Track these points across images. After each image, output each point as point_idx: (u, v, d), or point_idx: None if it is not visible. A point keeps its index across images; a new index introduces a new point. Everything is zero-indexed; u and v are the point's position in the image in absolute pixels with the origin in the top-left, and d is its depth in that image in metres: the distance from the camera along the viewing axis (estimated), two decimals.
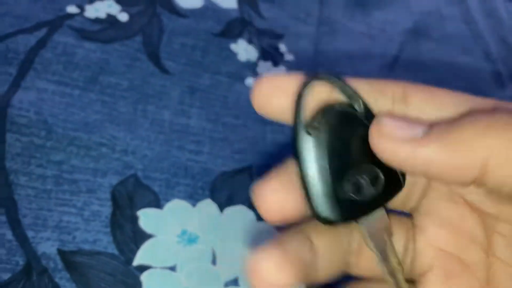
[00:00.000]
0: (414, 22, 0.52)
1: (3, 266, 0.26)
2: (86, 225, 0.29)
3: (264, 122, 0.38)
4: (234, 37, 0.42)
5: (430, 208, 0.20)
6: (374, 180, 0.18)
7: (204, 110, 0.37)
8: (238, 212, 0.32)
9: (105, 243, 0.28)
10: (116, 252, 0.28)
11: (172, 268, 0.29)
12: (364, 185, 0.18)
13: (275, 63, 0.42)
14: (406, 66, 0.48)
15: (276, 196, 0.17)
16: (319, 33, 0.47)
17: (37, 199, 0.29)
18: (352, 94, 0.18)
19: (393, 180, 0.18)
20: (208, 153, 0.34)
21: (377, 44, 0.49)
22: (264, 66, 0.41)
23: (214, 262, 0.30)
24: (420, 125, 0.17)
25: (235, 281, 0.29)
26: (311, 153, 0.17)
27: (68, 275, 0.27)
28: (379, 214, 0.18)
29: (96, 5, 0.38)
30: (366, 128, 0.17)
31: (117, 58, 0.36)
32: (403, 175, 0.19)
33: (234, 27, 0.43)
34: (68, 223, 0.28)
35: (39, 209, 0.28)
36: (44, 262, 0.27)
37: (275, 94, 0.18)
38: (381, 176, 0.18)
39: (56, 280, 0.26)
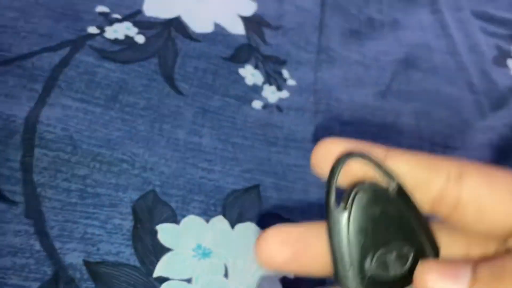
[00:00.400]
0: (405, 53, 0.56)
1: (33, 276, 0.27)
2: (109, 237, 0.30)
3: (270, 143, 0.40)
4: (242, 62, 0.44)
5: None
6: (402, 259, 0.18)
7: (215, 130, 0.39)
8: (247, 229, 0.34)
9: (128, 255, 0.30)
10: (137, 264, 0.30)
11: (188, 281, 0.31)
12: (391, 263, 0.18)
13: (279, 88, 0.45)
14: (397, 94, 0.51)
15: (274, 250, 0.18)
16: (318, 60, 0.50)
17: (63, 211, 0.30)
18: (388, 172, 0.18)
19: (431, 247, 0.19)
20: (220, 171, 0.36)
21: (370, 73, 0.53)
22: (268, 90, 0.44)
23: (226, 275, 0.32)
24: (465, 269, 0.17)
25: None
26: (342, 229, 0.18)
27: (93, 285, 0.28)
28: None
29: (115, 26, 0.40)
30: (397, 206, 0.18)
31: (135, 78, 0.38)
32: (437, 248, 0.19)
33: (242, 52, 0.45)
34: (93, 235, 0.30)
35: (65, 221, 0.30)
36: (71, 272, 0.28)
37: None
38: (411, 254, 0.18)
39: None
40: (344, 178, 0.18)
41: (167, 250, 0.31)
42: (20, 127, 0.31)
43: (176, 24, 0.44)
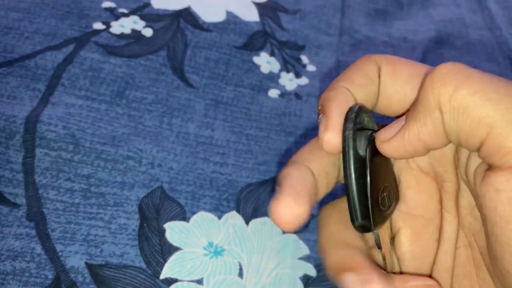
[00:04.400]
0: (436, 30, 0.52)
1: (33, 280, 0.26)
2: (113, 238, 0.29)
3: (287, 133, 0.38)
4: (257, 50, 0.42)
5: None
6: (391, 195, 0.22)
7: (228, 122, 0.37)
8: (263, 225, 0.32)
9: (132, 256, 0.28)
10: (143, 265, 0.28)
11: (199, 281, 0.29)
12: (387, 200, 0.21)
13: (297, 74, 0.42)
14: None
15: (291, 210, 0.19)
16: (341, 43, 0.47)
17: (65, 212, 0.29)
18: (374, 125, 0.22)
19: (396, 190, 0.22)
20: (233, 164, 0.34)
21: (399, 54, 0.49)
22: (286, 77, 0.41)
23: (241, 274, 0.30)
24: (398, 124, 0.20)
25: None
26: (357, 173, 0.19)
27: None
28: None
29: (122, 21, 0.39)
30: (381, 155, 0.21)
31: (142, 73, 0.37)
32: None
33: (256, 40, 0.43)
34: (96, 237, 0.29)
35: (67, 223, 0.29)
36: (72, 275, 0.27)
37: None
38: (394, 191, 0.22)
39: None
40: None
41: (176, 249, 0.29)
42: (21, 127, 0.30)
43: (185, 15, 0.42)
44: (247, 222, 0.32)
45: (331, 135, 0.19)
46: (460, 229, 0.23)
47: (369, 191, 0.20)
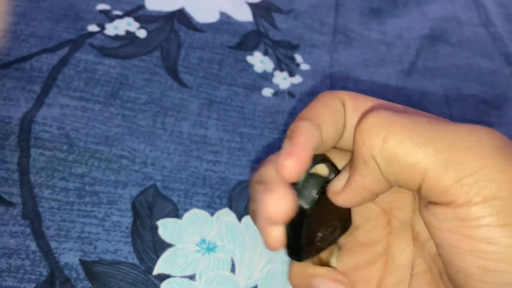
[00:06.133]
0: (431, 28, 0.52)
1: (28, 277, 0.27)
2: (107, 235, 0.29)
3: (281, 131, 0.38)
4: (250, 50, 0.43)
5: None
6: (334, 231, 0.24)
7: (221, 121, 0.37)
8: None
9: (126, 252, 0.29)
10: (136, 261, 0.29)
11: (192, 277, 0.29)
12: (327, 235, 0.24)
13: (291, 73, 0.42)
14: (424, 71, 0.48)
15: (280, 204, 0.20)
16: (335, 42, 0.48)
17: (60, 211, 0.29)
18: (334, 170, 0.23)
19: (347, 222, 0.25)
20: (226, 162, 0.35)
21: (393, 51, 0.49)
22: (280, 76, 0.42)
23: (233, 270, 0.30)
24: (345, 174, 0.22)
25: None
26: (292, 223, 0.21)
27: (90, 285, 0.27)
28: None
29: (116, 23, 0.40)
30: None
31: (136, 73, 0.37)
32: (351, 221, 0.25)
33: (250, 39, 0.43)
34: (90, 234, 0.29)
35: (62, 221, 0.29)
36: (66, 272, 0.27)
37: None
38: (339, 227, 0.24)
39: None
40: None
41: (169, 245, 0.30)
42: (16, 128, 0.31)
43: (179, 16, 0.42)
44: (239, 219, 0.32)
45: (292, 164, 0.20)
46: (420, 256, 0.23)
47: (304, 235, 0.22)
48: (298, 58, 0.44)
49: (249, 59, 0.42)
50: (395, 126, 0.19)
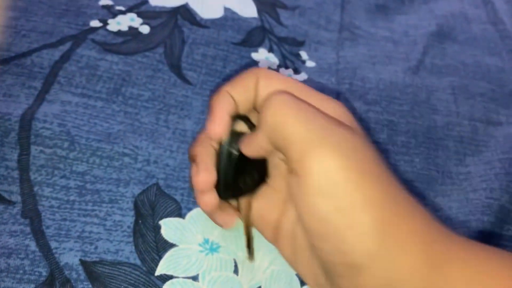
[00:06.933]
0: (438, 25, 0.51)
1: (27, 277, 0.26)
2: (108, 235, 0.29)
3: None
4: (255, 46, 0.42)
5: None
6: (253, 177, 0.29)
7: None
8: None
9: (127, 253, 0.28)
10: (138, 262, 0.28)
11: (195, 278, 0.28)
12: (249, 182, 0.29)
13: (296, 70, 0.42)
14: (431, 69, 0.47)
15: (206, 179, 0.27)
16: (341, 39, 0.47)
17: (60, 210, 0.29)
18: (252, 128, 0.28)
19: (264, 175, 0.29)
20: None
21: (400, 48, 0.48)
22: (285, 73, 0.41)
23: (236, 271, 0.29)
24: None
25: None
26: (227, 163, 0.27)
27: (90, 286, 0.27)
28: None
29: (119, 18, 0.39)
30: None
31: (139, 70, 0.37)
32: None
33: (255, 36, 0.43)
34: (90, 234, 0.28)
35: (62, 220, 0.29)
36: (66, 272, 0.27)
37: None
38: (256, 175, 0.29)
39: None
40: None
41: (171, 246, 0.29)
42: (16, 125, 0.30)
43: (183, 12, 0.42)
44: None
45: (213, 126, 0.26)
46: None
47: (229, 175, 0.27)
48: (304, 55, 0.43)
49: (254, 55, 0.41)
50: (285, 109, 0.24)
